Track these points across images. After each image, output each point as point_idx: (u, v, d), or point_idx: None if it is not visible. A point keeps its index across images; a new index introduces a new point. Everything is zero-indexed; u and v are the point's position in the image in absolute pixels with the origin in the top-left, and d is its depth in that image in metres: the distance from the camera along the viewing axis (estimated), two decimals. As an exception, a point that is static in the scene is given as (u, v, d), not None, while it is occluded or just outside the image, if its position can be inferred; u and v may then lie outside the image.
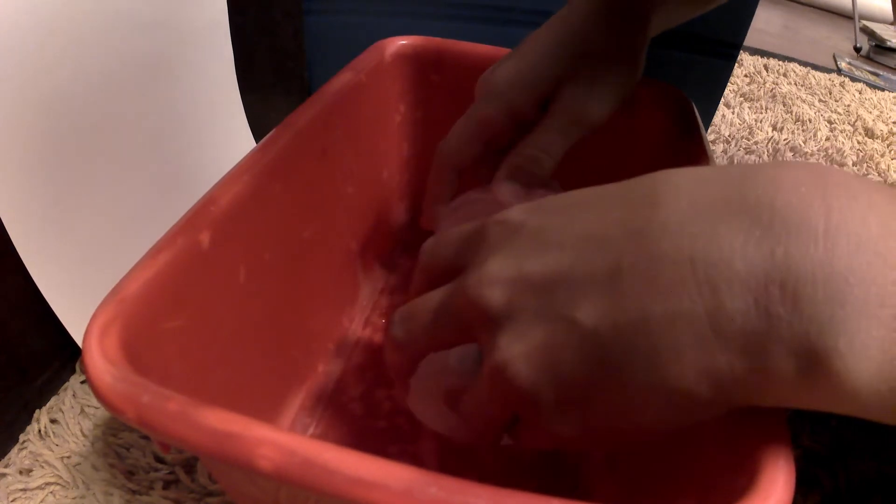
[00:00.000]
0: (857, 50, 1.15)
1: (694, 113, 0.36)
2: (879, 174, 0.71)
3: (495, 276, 0.20)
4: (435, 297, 0.22)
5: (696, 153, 0.33)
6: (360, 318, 0.41)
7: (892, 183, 0.69)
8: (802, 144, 0.74)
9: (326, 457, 0.16)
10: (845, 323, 0.15)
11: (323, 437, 0.33)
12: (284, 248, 0.32)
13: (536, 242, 0.20)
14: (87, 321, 0.20)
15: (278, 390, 0.33)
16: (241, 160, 0.29)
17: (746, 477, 0.17)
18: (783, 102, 0.84)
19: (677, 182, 0.18)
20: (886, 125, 0.82)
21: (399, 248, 0.47)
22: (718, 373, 0.16)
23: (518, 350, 0.19)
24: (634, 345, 0.17)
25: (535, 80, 0.31)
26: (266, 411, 0.32)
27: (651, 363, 0.17)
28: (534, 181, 0.31)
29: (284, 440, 0.16)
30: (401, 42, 0.43)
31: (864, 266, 0.15)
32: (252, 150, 0.29)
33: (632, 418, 0.18)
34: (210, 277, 0.25)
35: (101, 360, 0.19)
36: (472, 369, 0.23)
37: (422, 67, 0.44)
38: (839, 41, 1.22)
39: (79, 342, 0.34)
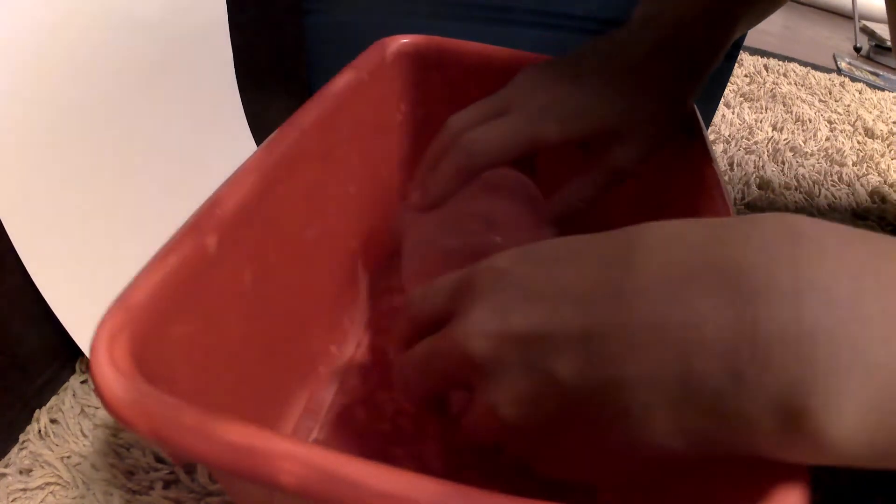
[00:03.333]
0: (857, 50, 1.15)
1: (695, 113, 0.36)
2: (879, 174, 0.71)
3: (481, 329, 0.20)
4: (423, 348, 0.23)
5: (697, 154, 0.33)
6: (362, 319, 0.41)
7: (892, 183, 0.69)
8: (802, 144, 0.74)
9: (351, 470, 0.16)
10: (816, 382, 0.15)
11: (326, 440, 0.33)
12: (288, 250, 0.32)
13: (520, 295, 0.20)
14: (88, 321, 0.20)
15: (281, 394, 0.33)
16: (246, 161, 0.28)
17: (762, 486, 0.16)
18: (783, 102, 0.84)
19: (651, 243, 0.18)
20: (886, 125, 0.82)
21: (399, 249, 0.47)
22: (692, 431, 0.17)
23: (506, 397, 0.20)
24: (607, 402, 0.18)
25: (591, 118, 0.31)
26: (270, 416, 0.32)
27: (623, 420, 0.17)
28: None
29: (307, 454, 0.16)
30: (402, 41, 0.43)
31: (835, 323, 0.15)
32: (256, 151, 0.29)
33: (605, 465, 0.19)
34: (217, 281, 0.25)
35: (111, 371, 0.18)
36: None
37: (423, 66, 0.44)
38: (839, 41, 1.22)
39: (79, 342, 0.34)
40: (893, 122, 0.84)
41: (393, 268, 0.45)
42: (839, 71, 1.02)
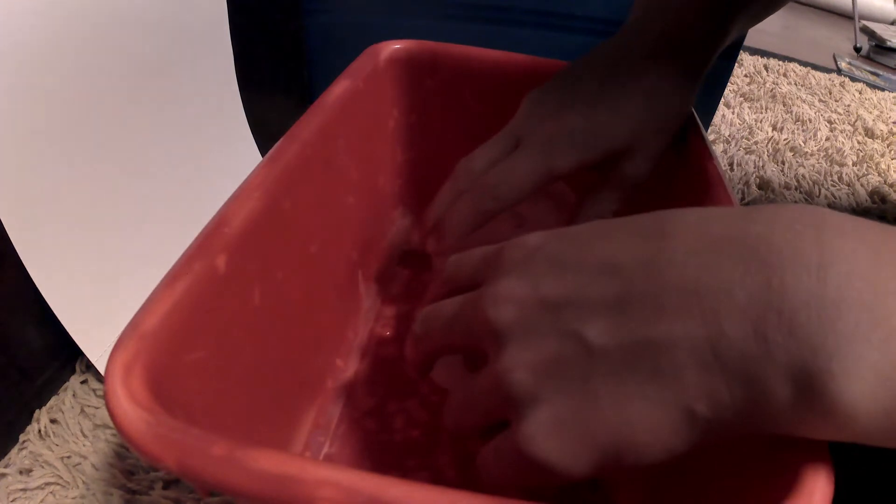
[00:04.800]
0: (857, 50, 1.15)
1: (692, 112, 0.36)
2: (879, 174, 0.71)
3: (508, 295, 0.21)
4: (453, 303, 0.24)
5: (698, 152, 0.33)
6: (364, 330, 0.40)
7: (892, 183, 0.69)
8: (802, 144, 0.74)
9: (393, 493, 0.15)
10: (838, 346, 0.15)
11: (338, 455, 0.33)
12: (294, 265, 0.31)
13: (552, 266, 0.21)
14: (88, 321, 0.20)
15: (291, 411, 0.32)
16: (249, 177, 0.28)
17: (784, 486, 0.16)
18: (783, 102, 0.84)
19: (684, 219, 0.19)
20: (886, 125, 0.82)
21: (396, 257, 0.46)
22: (717, 396, 0.17)
23: (524, 359, 0.20)
24: (639, 363, 0.18)
25: (603, 141, 0.31)
26: (281, 433, 0.31)
27: (653, 381, 0.18)
28: None
29: (347, 479, 0.16)
30: (395, 46, 0.43)
31: (855, 294, 0.16)
32: (259, 165, 0.29)
33: (627, 437, 0.18)
34: (227, 302, 0.24)
35: (129, 405, 0.17)
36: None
37: (416, 71, 0.43)
38: (839, 41, 1.22)
39: (79, 342, 0.34)
40: (893, 122, 0.84)
41: (391, 277, 0.45)
42: (839, 71, 1.02)
